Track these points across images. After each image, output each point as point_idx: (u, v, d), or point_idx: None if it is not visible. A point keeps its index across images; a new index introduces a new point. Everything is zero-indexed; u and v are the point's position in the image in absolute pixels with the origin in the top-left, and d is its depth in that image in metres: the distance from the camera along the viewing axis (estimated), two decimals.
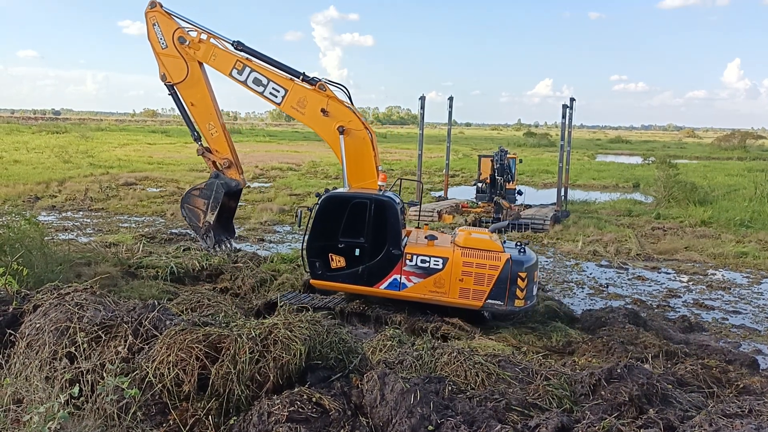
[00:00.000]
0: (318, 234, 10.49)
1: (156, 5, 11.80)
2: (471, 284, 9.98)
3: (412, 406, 4.44)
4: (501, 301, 9.94)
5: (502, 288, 9.89)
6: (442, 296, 10.11)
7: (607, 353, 9.13)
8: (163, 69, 11.87)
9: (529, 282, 10.00)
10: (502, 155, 22.97)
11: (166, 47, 11.69)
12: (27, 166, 34.75)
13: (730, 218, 23.65)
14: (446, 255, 10.09)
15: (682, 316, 12.31)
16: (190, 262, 13.48)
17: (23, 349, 5.17)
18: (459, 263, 9.99)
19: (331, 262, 10.46)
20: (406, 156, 54.16)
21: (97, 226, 19.79)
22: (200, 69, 11.77)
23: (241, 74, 11.27)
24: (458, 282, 10.00)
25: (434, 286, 10.12)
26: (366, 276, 10.32)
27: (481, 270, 9.97)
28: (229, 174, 12.13)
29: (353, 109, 11.19)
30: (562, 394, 5.29)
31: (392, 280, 10.30)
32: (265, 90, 11.24)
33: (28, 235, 10.96)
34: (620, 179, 39.86)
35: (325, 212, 10.40)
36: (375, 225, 10.24)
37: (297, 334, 4.93)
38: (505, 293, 9.90)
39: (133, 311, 5.43)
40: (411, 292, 10.23)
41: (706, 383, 6.94)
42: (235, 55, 11.46)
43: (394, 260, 10.20)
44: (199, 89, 11.75)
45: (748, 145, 77.85)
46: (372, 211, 10.23)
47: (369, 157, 10.99)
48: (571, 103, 25.18)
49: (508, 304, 9.94)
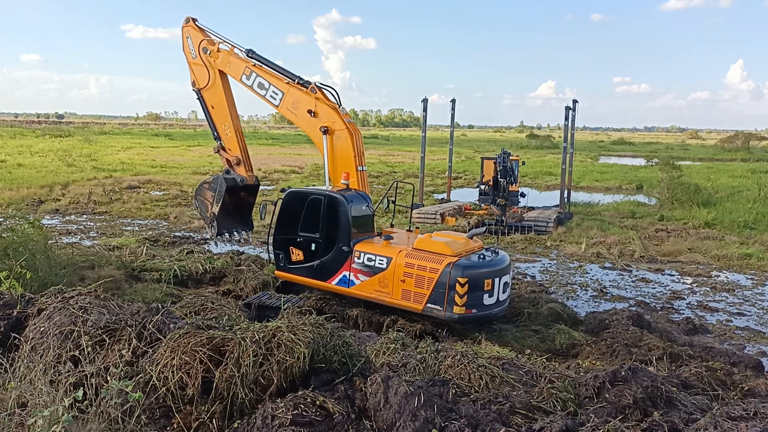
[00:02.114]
0: (281, 227, 11.14)
1: (189, 20, 13.07)
2: (412, 286, 9.76)
3: (415, 410, 4.43)
4: (440, 307, 9.52)
5: (441, 293, 9.48)
6: (385, 296, 10.07)
7: (611, 356, 9.11)
8: (192, 76, 13.08)
9: (472, 289, 9.41)
10: (504, 157, 22.95)
11: (195, 57, 12.91)
12: (31, 169, 34.84)
13: (733, 220, 23.59)
14: (391, 255, 10.03)
15: (686, 318, 12.27)
16: (193, 265, 13.53)
17: (27, 352, 5.18)
18: (402, 264, 9.86)
19: (291, 255, 11.05)
20: (409, 158, 54.17)
21: (101, 229, 19.83)
22: (221, 76, 12.76)
23: (248, 79, 12.13)
24: (400, 283, 9.86)
25: (379, 286, 10.11)
26: (319, 271, 10.74)
27: (421, 272, 9.69)
28: (237, 170, 12.96)
29: (338, 110, 11.46)
30: (566, 397, 5.27)
31: (342, 276, 10.51)
32: (267, 93, 11.94)
33: (31, 239, 10.99)
34: (623, 181, 39.79)
35: (287, 207, 11.03)
36: (327, 221, 10.64)
37: (300, 337, 4.93)
38: (444, 298, 9.47)
39: (137, 314, 5.43)
40: (358, 289, 10.36)
41: (711, 386, 6.92)
42: (246, 62, 12.29)
43: (344, 257, 10.43)
44: (218, 94, 12.76)
45: (751, 147, 77.61)
46: (325, 207, 10.63)
47: (348, 157, 11.20)
48: (574, 104, 25.17)
49: (446, 310, 9.48)
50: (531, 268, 16.58)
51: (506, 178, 22.25)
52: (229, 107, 12.83)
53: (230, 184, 12.72)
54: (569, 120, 24.07)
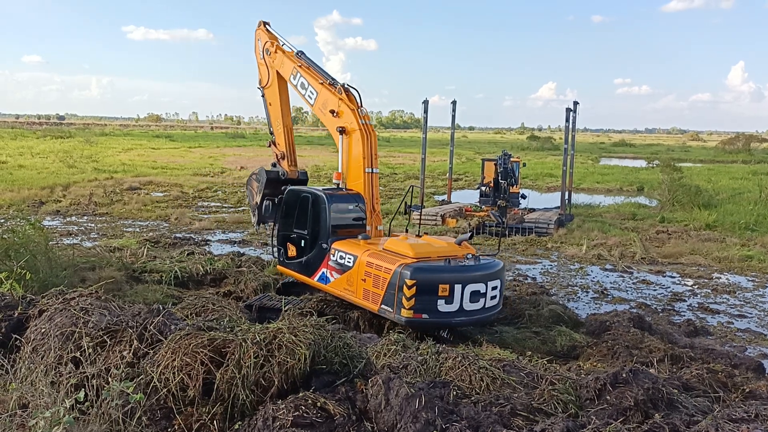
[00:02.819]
0: (281, 224, 11.70)
1: (261, 24, 13.80)
2: (371, 286, 9.72)
3: (416, 411, 4.43)
4: (391, 308, 9.33)
5: (392, 294, 9.30)
6: (351, 294, 10.13)
7: (612, 357, 9.10)
8: (259, 75, 13.89)
9: (421, 293, 9.08)
10: (505, 159, 22.95)
11: (261, 58, 13.71)
12: (32, 170, 34.87)
13: (735, 222, 23.58)
14: (357, 253, 10.06)
15: (687, 320, 12.26)
16: (193, 267, 13.53)
17: (29, 353, 5.18)
18: (364, 263, 9.87)
19: (288, 251, 11.52)
20: (410, 160, 54.20)
21: (102, 230, 19.84)
22: (278, 77, 13.34)
23: (295, 79, 12.67)
24: (362, 282, 9.87)
25: (347, 284, 10.16)
26: (306, 266, 11.07)
27: (378, 272, 9.61)
28: (282, 164, 13.63)
29: (356, 111, 11.54)
30: (567, 399, 5.26)
31: (321, 273, 10.71)
32: (306, 93, 12.39)
33: (32, 240, 11.00)
34: (624, 183, 39.80)
35: (286, 204, 11.58)
36: (312, 218, 11.03)
37: (301, 338, 4.92)
38: (393, 300, 9.28)
39: (138, 316, 5.43)
40: (332, 286, 10.50)
41: (712, 388, 6.91)
42: (294, 62, 12.80)
43: (323, 254, 10.65)
44: (274, 92, 13.48)
45: (752, 148, 77.58)
46: (310, 204, 11.06)
47: (358, 158, 11.33)
48: (575, 106, 25.18)
49: (396, 312, 9.28)
50: (532, 269, 16.58)
51: (507, 179, 22.26)
52: (282, 106, 13.53)
53: (272, 176, 13.33)
54: (570, 121, 24.08)
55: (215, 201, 28.24)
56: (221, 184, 34.06)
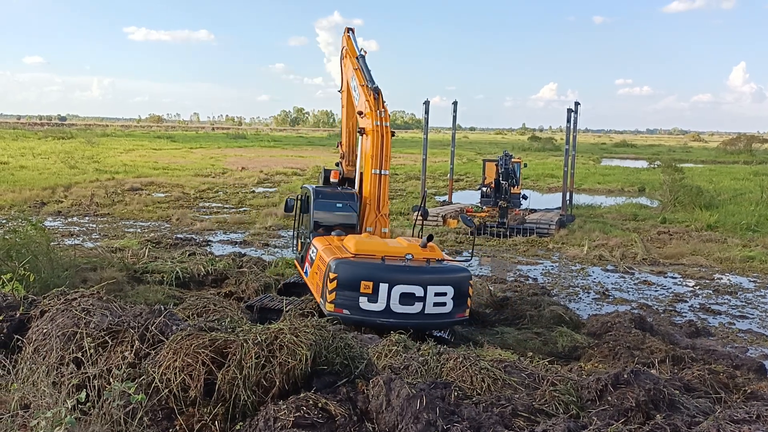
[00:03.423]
0: (297, 220, 12.39)
1: (346, 31, 14.05)
2: (318, 280, 9.83)
3: (418, 412, 4.43)
4: (324, 300, 9.35)
5: (323, 287, 9.39)
6: (315, 288, 10.19)
7: (613, 358, 9.09)
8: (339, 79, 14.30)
9: (342, 287, 8.99)
10: (506, 159, 22.94)
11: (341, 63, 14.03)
12: (33, 171, 34.93)
13: (736, 222, 23.57)
14: (318, 248, 10.24)
15: (688, 320, 12.26)
16: (195, 267, 13.55)
17: (30, 354, 5.19)
18: (318, 257, 10.06)
19: (299, 246, 12.15)
20: (411, 160, 54.18)
21: (103, 231, 19.87)
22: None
23: (352, 82, 12.98)
24: (315, 275, 10.05)
25: (313, 276, 10.30)
26: (301, 262, 11.56)
27: (321, 265, 9.69)
28: (342, 163, 14.12)
29: (374, 112, 11.69)
30: (568, 400, 5.26)
31: (306, 266, 10.98)
32: (355, 94, 12.73)
33: (34, 241, 11.01)
34: (626, 183, 39.78)
35: (301, 202, 12.20)
36: (305, 214, 11.83)
37: (303, 339, 4.92)
38: (325, 293, 9.31)
39: (139, 316, 5.43)
40: (308, 279, 10.70)
41: (714, 389, 6.90)
42: (353, 65, 13.10)
43: (307, 248, 11.04)
44: (345, 96, 13.92)
45: (754, 149, 77.47)
46: (306, 200, 11.85)
47: (367, 159, 11.51)
48: (576, 107, 25.19)
49: (324, 305, 9.29)
50: (533, 270, 16.58)
51: (508, 180, 22.25)
52: (348, 108, 13.91)
53: (326, 175, 13.83)
54: (571, 122, 24.08)
55: (216, 202, 28.28)
56: (222, 184, 34.11)
